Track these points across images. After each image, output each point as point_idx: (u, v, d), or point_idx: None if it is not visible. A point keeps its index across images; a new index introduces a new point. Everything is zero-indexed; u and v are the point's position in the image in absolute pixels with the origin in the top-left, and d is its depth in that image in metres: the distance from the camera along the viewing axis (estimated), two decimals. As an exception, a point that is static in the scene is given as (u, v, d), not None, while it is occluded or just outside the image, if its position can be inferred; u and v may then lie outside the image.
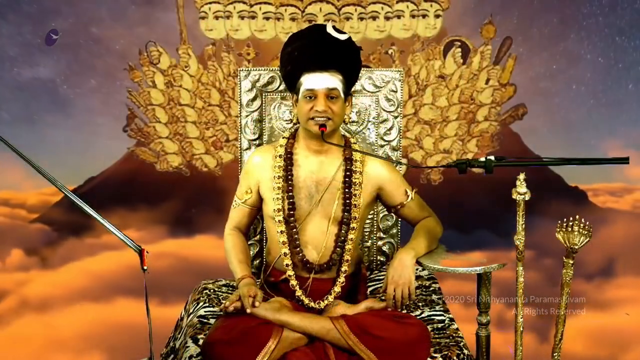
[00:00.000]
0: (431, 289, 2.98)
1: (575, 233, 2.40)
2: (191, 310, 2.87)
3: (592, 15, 4.85)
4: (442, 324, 2.73)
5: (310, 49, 2.58)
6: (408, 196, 2.72)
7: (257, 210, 2.79)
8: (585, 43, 4.86)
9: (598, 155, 4.67)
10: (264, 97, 3.05)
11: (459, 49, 4.79)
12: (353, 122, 3.06)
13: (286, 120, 3.05)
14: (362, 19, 4.76)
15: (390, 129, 3.08)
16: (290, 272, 2.67)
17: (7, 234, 4.85)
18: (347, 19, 4.75)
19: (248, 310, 2.45)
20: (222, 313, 2.61)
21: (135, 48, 4.79)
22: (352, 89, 2.81)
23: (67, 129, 4.84)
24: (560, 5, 4.84)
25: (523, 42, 4.82)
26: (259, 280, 2.85)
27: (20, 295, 4.60)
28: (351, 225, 2.67)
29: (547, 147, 4.79)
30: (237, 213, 2.78)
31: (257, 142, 3.05)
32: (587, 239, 2.41)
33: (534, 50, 4.84)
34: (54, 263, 4.75)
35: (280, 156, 2.68)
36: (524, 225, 2.37)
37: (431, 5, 4.76)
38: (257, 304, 2.46)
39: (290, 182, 2.66)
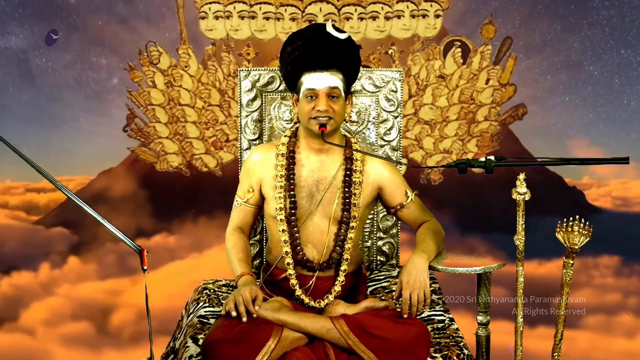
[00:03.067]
0: (431, 289, 2.98)
1: (575, 233, 2.41)
2: (191, 310, 2.87)
3: (597, 25, 4.69)
4: (442, 324, 2.73)
5: (311, 49, 2.58)
6: (408, 197, 2.72)
7: (259, 210, 2.79)
8: (588, 54, 4.73)
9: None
10: (264, 97, 3.06)
11: (459, 49, 4.79)
12: (353, 122, 3.06)
13: (286, 120, 3.05)
14: (362, 19, 4.76)
15: (390, 129, 3.08)
16: (291, 271, 2.67)
17: (29, 237, 4.74)
18: (347, 19, 4.75)
19: (254, 315, 2.45)
20: (222, 313, 2.61)
21: (114, 25, 4.68)
22: (352, 88, 2.80)
23: (36, 103, 4.73)
24: (565, 11, 4.72)
25: (523, 47, 4.77)
26: (259, 280, 2.85)
27: (135, 307, 4.49)
28: (351, 225, 2.66)
29: (547, 147, 4.78)
30: (239, 213, 2.77)
31: (257, 142, 3.05)
32: (587, 239, 2.41)
33: (535, 57, 4.77)
34: (132, 269, 4.60)
35: (282, 155, 2.68)
36: (524, 225, 2.37)
37: (431, 5, 4.76)
38: (256, 307, 2.46)
39: (292, 181, 2.66)
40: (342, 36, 2.60)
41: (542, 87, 4.82)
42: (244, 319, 2.43)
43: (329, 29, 2.60)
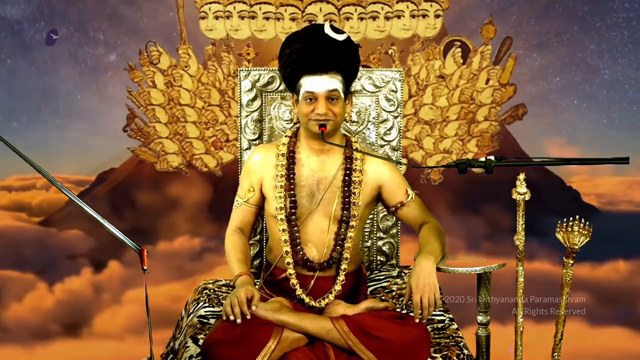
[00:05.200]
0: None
1: (575, 233, 2.41)
2: (191, 310, 2.87)
3: (616, 27, 4.55)
4: (442, 324, 2.73)
5: (309, 51, 2.57)
6: (409, 195, 2.72)
7: (259, 210, 2.78)
8: (605, 57, 4.61)
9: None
10: (264, 97, 3.06)
11: (459, 49, 4.79)
12: (353, 122, 3.07)
13: (286, 120, 3.05)
14: (362, 19, 4.76)
15: (390, 129, 3.08)
16: (291, 271, 2.67)
17: (44, 240, 4.61)
18: (347, 19, 4.75)
19: (248, 317, 2.44)
20: (224, 318, 2.61)
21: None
22: (352, 88, 2.80)
23: (28, 76, 4.62)
24: (583, 12, 4.60)
25: (536, 47, 4.72)
26: (259, 280, 2.85)
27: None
28: (351, 224, 2.67)
29: (547, 147, 4.77)
30: (239, 213, 2.77)
31: (257, 142, 3.05)
32: (587, 239, 2.42)
33: (548, 57, 4.70)
34: (181, 274, 4.45)
35: (282, 155, 2.68)
36: (524, 225, 2.37)
37: (431, 5, 4.76)
38: (253, 307, 2.45)
39: (292, 181, 2.67)
40: (340, 37, 2.59)
41: (555, 89, 4.77)
42: (239, 321, 2.42)
43: (327, 30, 2.59)
